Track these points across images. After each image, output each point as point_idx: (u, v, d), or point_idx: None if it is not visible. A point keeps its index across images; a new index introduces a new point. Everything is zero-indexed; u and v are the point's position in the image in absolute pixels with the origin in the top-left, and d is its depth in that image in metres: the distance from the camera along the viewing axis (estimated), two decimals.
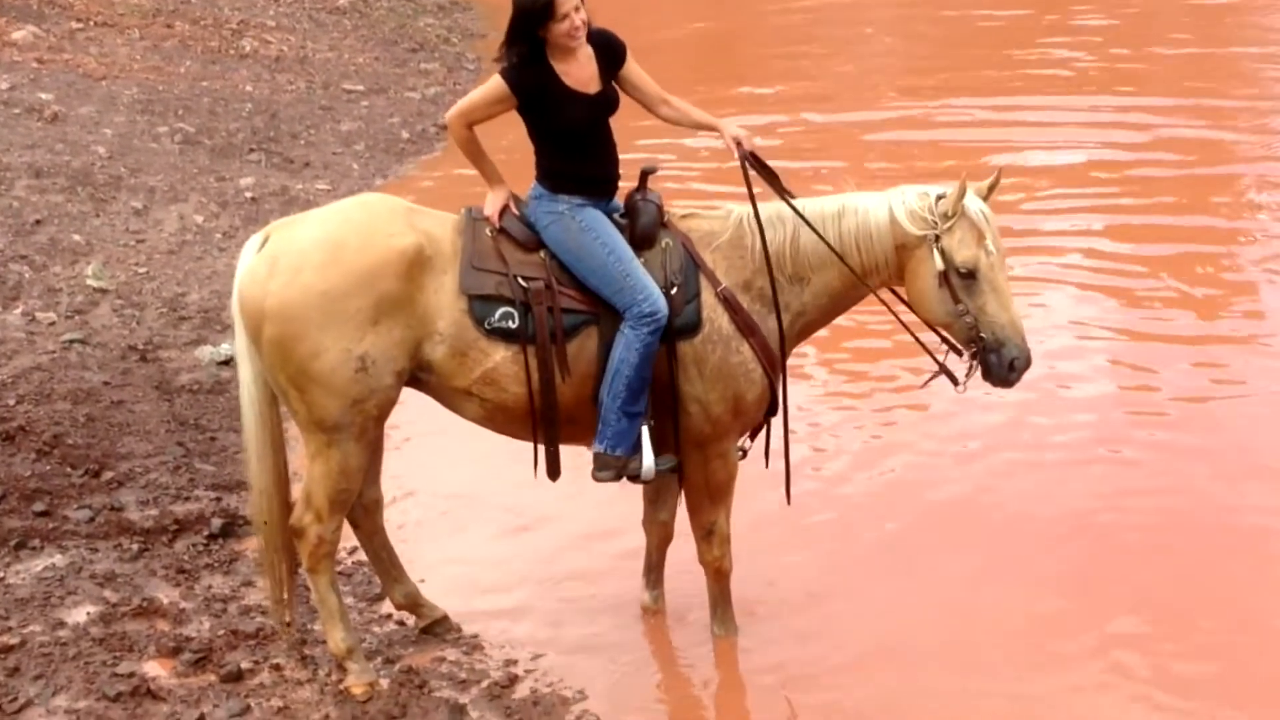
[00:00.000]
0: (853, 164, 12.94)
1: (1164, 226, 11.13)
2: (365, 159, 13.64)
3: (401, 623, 6.33)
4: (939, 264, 5.51)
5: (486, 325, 5.53)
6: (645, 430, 5.66)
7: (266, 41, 17.31)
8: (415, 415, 6.13)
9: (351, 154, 13.73)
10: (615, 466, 5.67)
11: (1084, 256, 10.51)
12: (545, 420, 5.66)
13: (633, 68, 5.79)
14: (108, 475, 7.40)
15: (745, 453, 5.99)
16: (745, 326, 5.66)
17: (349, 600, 6.47)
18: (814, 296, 5.75)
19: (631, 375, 5.52)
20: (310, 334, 5.35)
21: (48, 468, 7.38)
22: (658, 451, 5.71)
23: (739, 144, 5.72)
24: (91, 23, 16.33)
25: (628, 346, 5.52)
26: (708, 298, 5.65)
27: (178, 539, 6.94)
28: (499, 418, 5.71)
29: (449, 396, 5.72)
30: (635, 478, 5.72)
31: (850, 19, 19.96)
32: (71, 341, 8.78)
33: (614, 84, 5.76)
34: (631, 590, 6.38)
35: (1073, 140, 13.38)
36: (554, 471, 5.79)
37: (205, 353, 8.86)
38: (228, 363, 8.66)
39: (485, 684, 5.87)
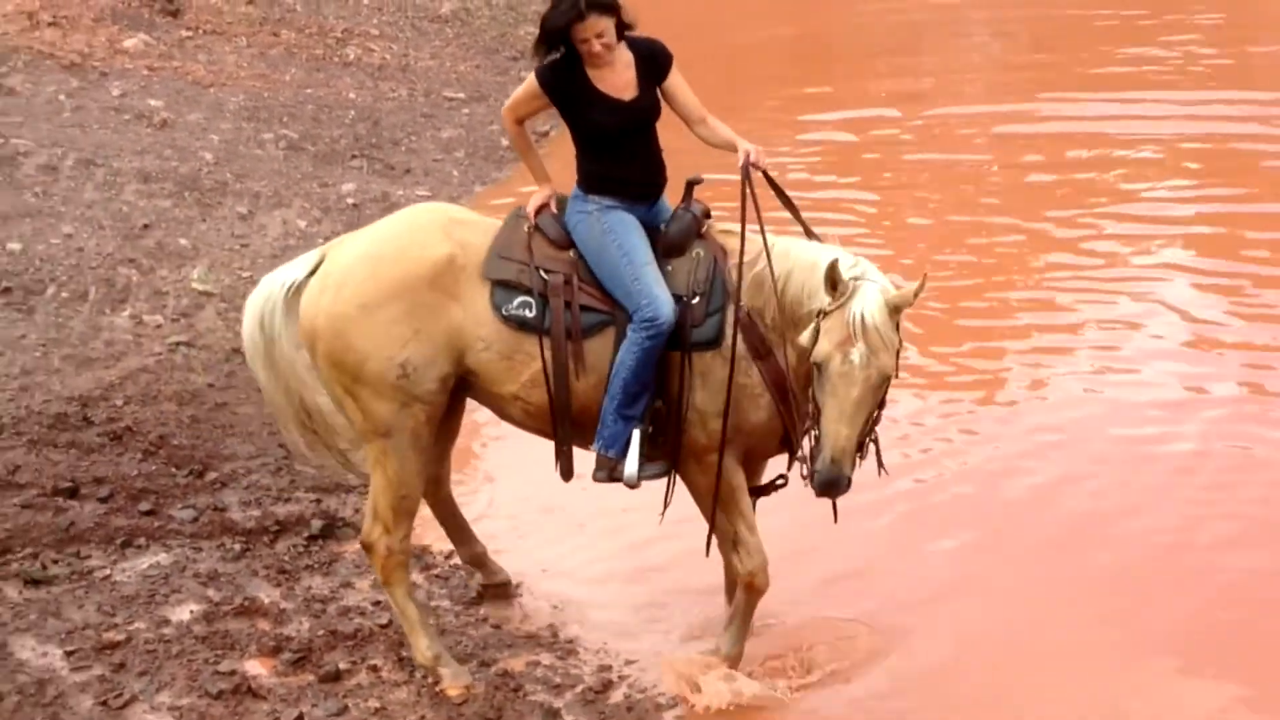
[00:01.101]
0: (952, 160, 12.88)
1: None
2: (465, 166, 13.75)
3: (497, 626, 6.38)
4: (806, 339, 5.28)
5: (504, 312, 5.64)
6: (636, 434, 5.65)
7: (370, 49, 17.49)
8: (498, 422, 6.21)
9: (452, 160, 13.84)
10: (607, 468, 5.72)
11: (1192, 249, 10.41)
12: (559, 417, 5.73)
13: (676, 81, 5.78)
14: (211, 476, 7.53)
15: (786, 481, 5.89)
16: (758, 349, 5.55)
17: (445, 603, 6.54)
18: (811, 339, 5.39)
19: (628, 378, 5.54)
20: (355, 344, 5.60)
21: (154, 468, 7.51)
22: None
23: (746, 155, 5.60)
24: (200, 31, 16.60)
25: (627, 349, 5.54)
26: (730, 314, 5.57)
27: (279, 540, 7.05)
28: (541, 417, 5.81)
29: (493, 401, 5.88)
30: (622, 481, 5.74)
31: (947, 18, 19.77)
32: (177, 344, 8.93)
33: (656, 92, 5.74)
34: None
35: (1182, 132, 13.17)
36: (567, 472, 5.87)
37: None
38: None
39: (579, 689, 5.89)
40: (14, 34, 14.61)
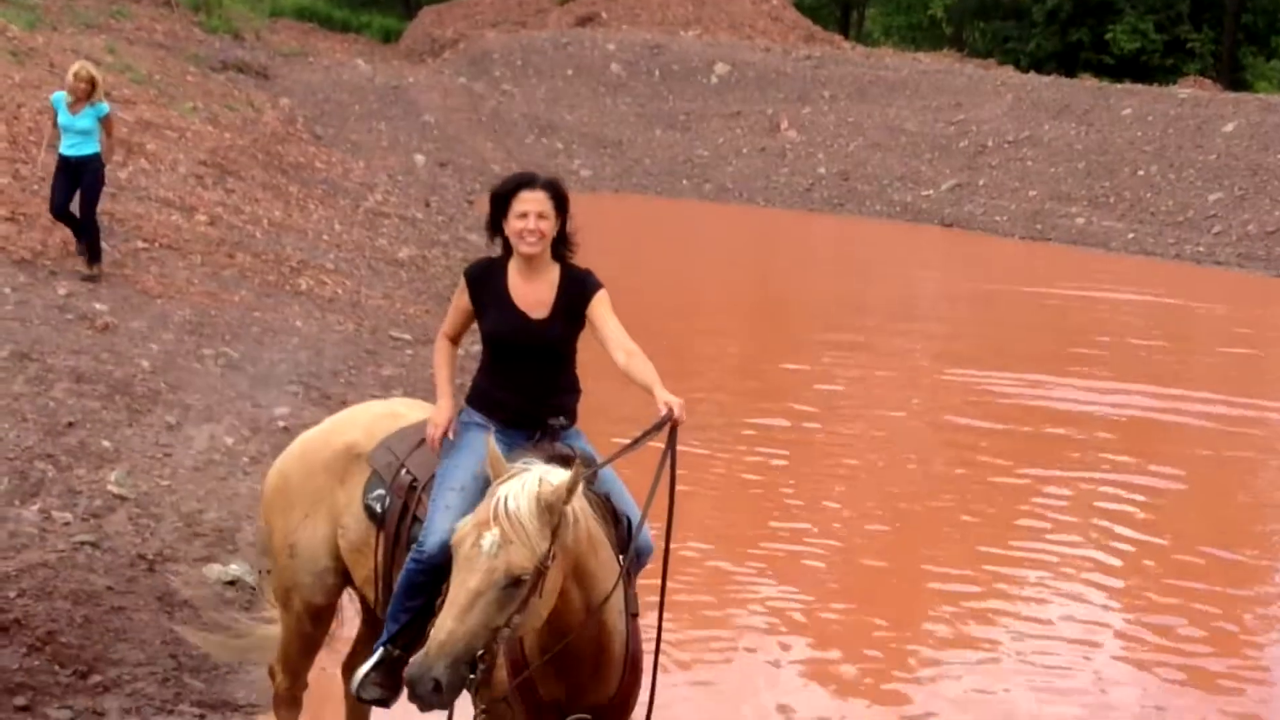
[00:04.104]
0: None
1: None
2: None
3: None
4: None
5: (365, 499, 5.71)
6: (379, 651, 5.48)
7: (323, 282, 17.70)
8: None
9: (388, 398, 13.86)
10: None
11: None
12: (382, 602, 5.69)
13: (598, 310, 5.56)
14: (95, 679, 7.27)
15: None
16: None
17: None
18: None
19: (395, 594, 5.44)
20: (269, 514, 6.02)
21: (36, 663, 7.26)
22: None
23: (669, 408, 5.21)
24: (157, 244, 16.78)
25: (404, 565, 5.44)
26: None
27: None
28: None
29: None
30: None
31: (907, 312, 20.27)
32: (82, 543, 8.73)
33: (570, 325, 5.59)
34: None
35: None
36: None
37: (213, 571, 8.79)
38: (233, 583, 8.61)
39: None
40: None
